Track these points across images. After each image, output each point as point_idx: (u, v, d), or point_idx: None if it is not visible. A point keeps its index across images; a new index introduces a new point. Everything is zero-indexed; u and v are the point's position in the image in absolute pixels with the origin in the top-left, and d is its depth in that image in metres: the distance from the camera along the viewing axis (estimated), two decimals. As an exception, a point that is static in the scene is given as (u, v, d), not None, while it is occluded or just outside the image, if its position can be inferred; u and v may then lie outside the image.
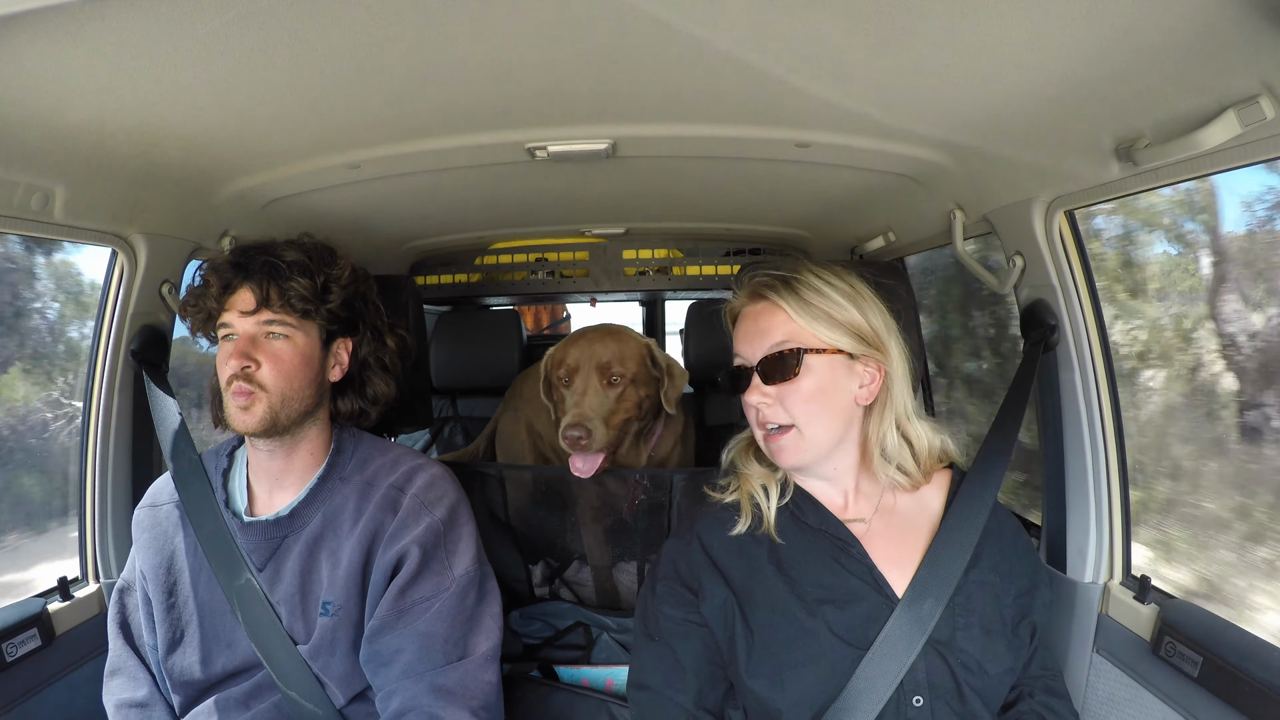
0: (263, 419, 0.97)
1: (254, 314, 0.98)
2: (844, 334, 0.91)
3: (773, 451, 0.92)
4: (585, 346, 1.48)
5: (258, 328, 0.98)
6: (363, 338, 1.09)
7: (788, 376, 0.89)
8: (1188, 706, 0.93)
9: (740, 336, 0.95)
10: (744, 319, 0.96)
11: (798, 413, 0.89)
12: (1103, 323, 1.10)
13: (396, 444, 1.13)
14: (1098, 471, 1.10)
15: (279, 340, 0.99)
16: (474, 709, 0.93)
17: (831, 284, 0.92)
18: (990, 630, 0.87)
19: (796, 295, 0.92)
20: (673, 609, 0.94)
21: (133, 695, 1.03)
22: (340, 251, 1.08)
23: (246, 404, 0.96)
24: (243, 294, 0.98)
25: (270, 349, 0.98)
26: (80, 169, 0.99)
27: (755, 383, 0.91)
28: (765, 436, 0.92)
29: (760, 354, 0.91)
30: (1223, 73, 0.70)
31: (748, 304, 0.96)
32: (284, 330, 0.99)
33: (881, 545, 0.92)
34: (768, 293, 0.93)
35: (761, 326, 0.92)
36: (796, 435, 0.90)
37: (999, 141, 1.02)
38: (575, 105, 0.98)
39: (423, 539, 0.98)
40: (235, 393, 0.97)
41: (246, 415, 0.96)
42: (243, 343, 0.97)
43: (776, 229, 1.97)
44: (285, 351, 0.99)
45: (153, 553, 1.05)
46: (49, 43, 0.68)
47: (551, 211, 1.74)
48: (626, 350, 1.48)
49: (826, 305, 0.91)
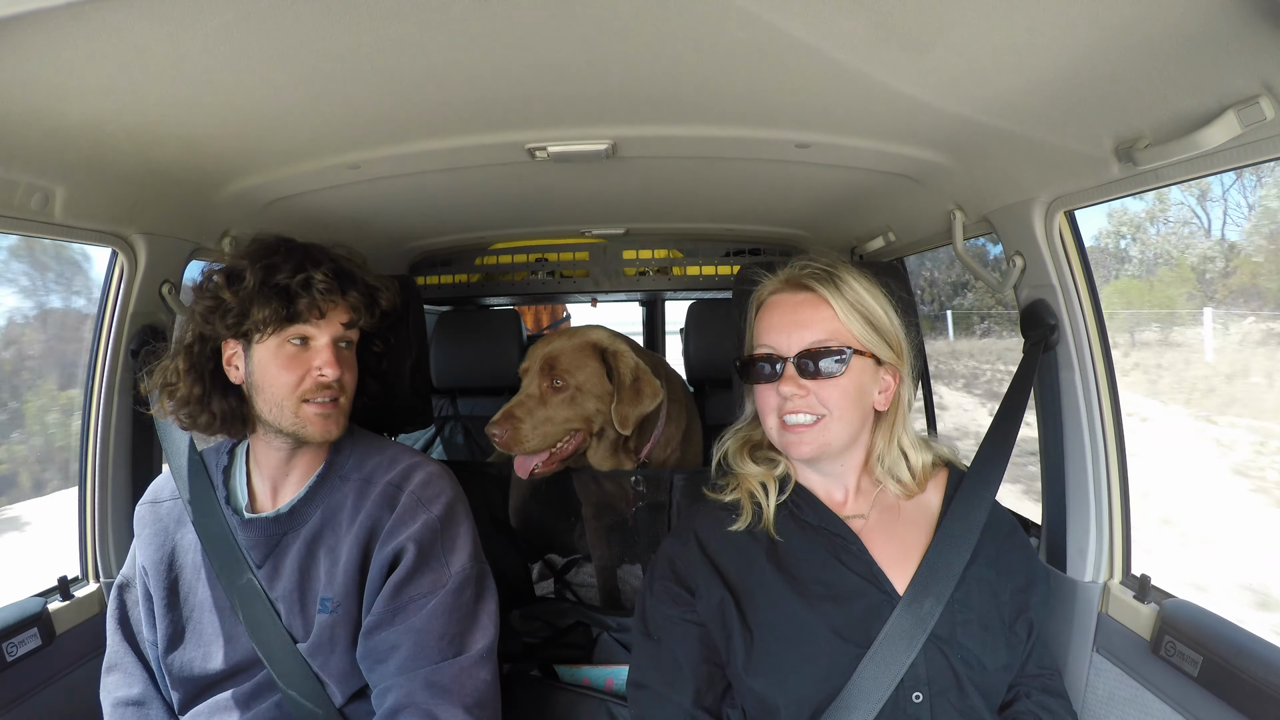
0: (341, 425, 1.01)
1: (351, 327, 1.02)
2: (879, 340, 0.92)
3: (789, 443, 0.91)
4: (543, 346, 1.45)
5: (336, 335, 1.01)
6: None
7: (832, 374, 0.89)
8: (1188, 706, 0.93)
9: (772, 325, 0.93)
10: (778, 307, 0.94)
11: (829, 409, 0.89)
12: (1103, 323, 1.10)
13: (394, 442, 1.14)
14: (1097, 471, 1.10)
15: (346, 349, 1.03)
16: (468, 706, 0.93)
17: (868, 289, 0.93)
18: (989, 626, 0.88)
19: (842, 293, 0.91)
20: (670, 608, 0.94)
21: (129, 693, 1.03)
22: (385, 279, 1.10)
23: (330, 413, 0.99)
24: (342, 307, 1.01)
25: (345, 358, 1.03)
26: (80, 169, 0.99)
27: (789, 374, 0.90)
28: (784, 428, 0.91)
29: (800, 346, 0.90)
30: (1223, 73, 0.70)
31: (785, 293, 0.94)
32: (352, 337, 1.04)
33: (880, 542, 0.92)
34: (815, 285, 0.92)
35: (802, 318, 0.91)
36: (820, 430, 0.90)
37: (999, 142, 1.02)
38: (575, 105, 0.98)
39: (419, 535, 0.98)
40: (320, 402, 0.98)
41: (330, 425, 1.00)
42: (331, 352, 0.99)
43: (776, 229, 1.97)
44: (350, 357, 1.04)
45: (154, 549, 1.05)
46: (49, 43, 0.68)
47: (551, 212, 1.74)
48: (577, 357, 1.41)
49: (867, 308, 0.91)
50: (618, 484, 1.44)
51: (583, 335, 1.46)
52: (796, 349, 0.90)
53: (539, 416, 1.37)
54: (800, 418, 0.90)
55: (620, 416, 1.39)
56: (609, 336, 1.48)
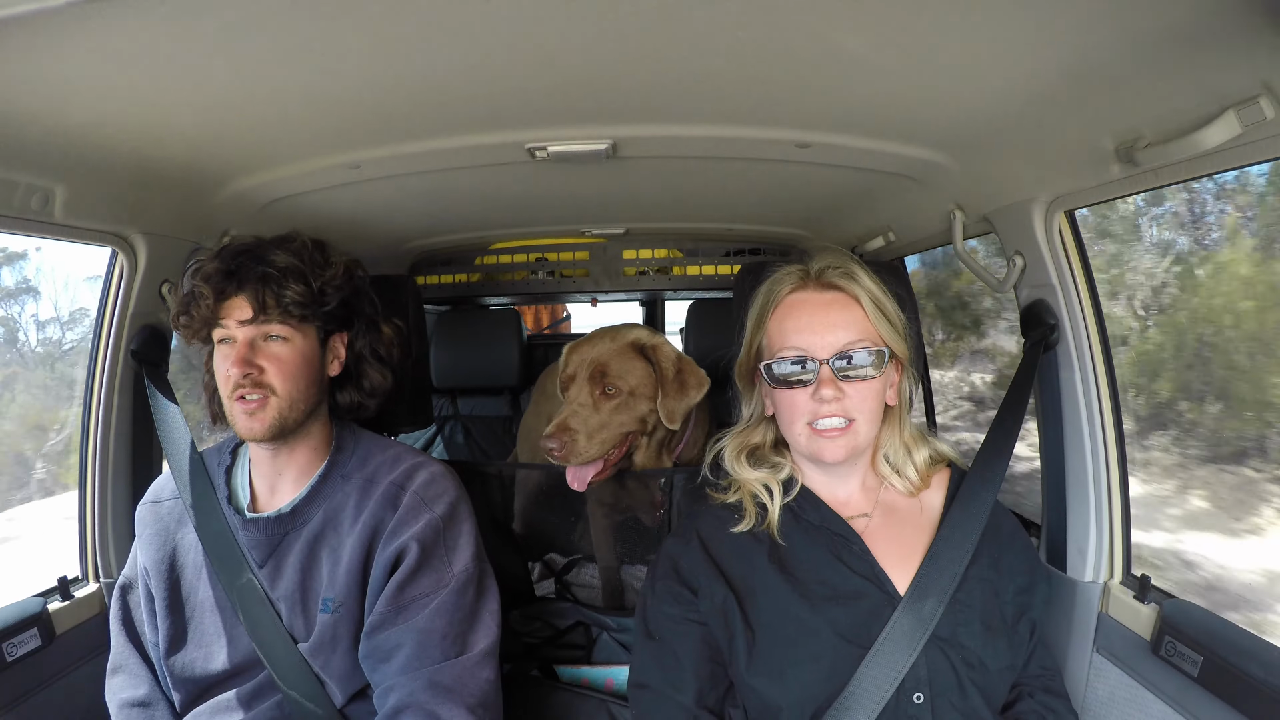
0: (271, 425, 0.96)
1: (252, 322, 0.97)
2: (897, 336, 0.91)
3: (821, 449, 0.88)
4: (586, 352, 1.40)
5: (256, 332, 0.98)
6: (358, 331, 1.09)
7: (868, 375, 0.87)
8: (1188, 706, 0.93)
9: (801, 326, 0.89)
10: (804, 307, 0.90)
11: (863, 410, 0.87)
12: (1103, 323, 1.10)
13: (397, 442, 1.14)
14: (1098, 471, 1.10)
15: (278, 343, 0.99)
16: (471, 706, 0.93)
17: (879, 284, 0.92)
18: (990, 626, 0.88)
19: (871, 293, 0.90)
20: (672, 608, 0.94)
21: (134, 694, 1.03)
22: (331, 247, 1.07)
23: (253, 410, 0.96)
24: (238, 303, 0.97)
25: (270, 352, 0.98)
26: (80, 169, 0.99)
27: (826, 377, 0.86)
28: (815, 433, 0.88)
29: (835, 347, 0.87)
30: (1223, 73, 0.70)
31: (810, 291, 0.92)
32: (284, 333, 0.99)
33: (883, 543, 0.92)
34: (846, 284, 0.90)
35: (833, 319, 0.88)
36: (852, 433, 0.88)
37: (999, 141, 1.02)
38: (575, 105, 0.97)
39: (422, 535, 0.98)
40: (240, 399, 0.96)
41: (254, 422, 0.96)
42: (243, 349, 0.96)
43: (776, 229, 1.97)
44: (285, 354, 0.99)
45: (155, 549, 1.05)
46: (49, 43, 0.68)
47: (551, 211, 1.74)
48: (625, 361, 1.37)
49: (888, 307, 0.91)
50: (623, 485, 1.43)
51: (623, 336, 1.42)
52: (831, 350, 0.86)
53: (593, 425, 1.33)
54: (834, 421, 0.87)
55: (667, 411, 1.36)
56: (648, 333, 1.44)
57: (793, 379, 0.88)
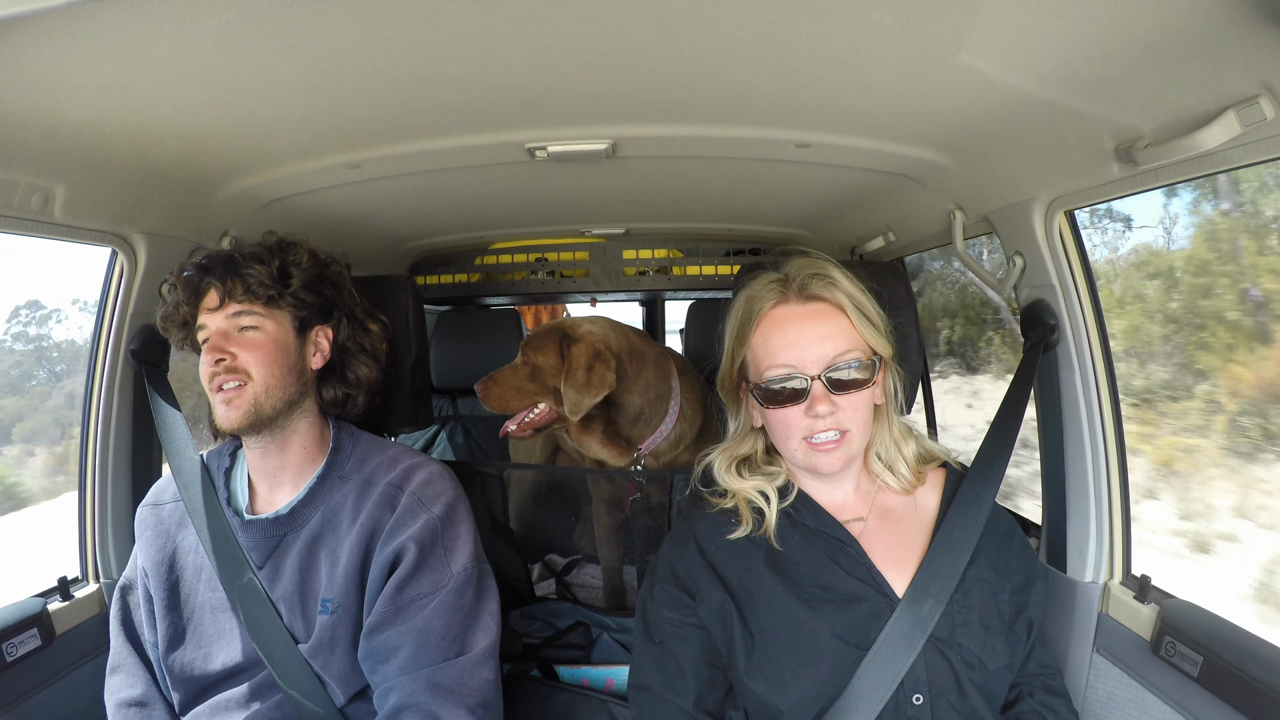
0: (247, 412, 0.98)
1: (221, 308, 1.00)
2: (880, 337, 0.90)
3: (818, 462, 0.87)
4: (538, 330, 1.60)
5: (228, 322, 1.00)
6: (338, 323, 1.10)
7: (861, 386, 0.85)
8: (1188, 706, 0.93)
9: (788, 342, 0.86)
10: (789, 322, 0.88)
11: (855, 420, 0.86)
12: (1103, 323, 1.10)
13: (395, 443, 1.14)
14: (1098, 471, 1.10)
15: (251, 331, 1.01)
16: (470, 706, 0.93)
17: (857, 283, 0.90)
18: (989, 626, 0.87)
19: (852, 297, 0.88)
20: (671, 612, 0.93)
21: (131, 693, 1.03)
22: (300, 240, 1.09)
23: (230, 398, 0.98)
24: (210, 295, 1.01)
25: (243, 339, 1.00)
26: (80, 169, 0.99)
27: (819, 392, 0.84)
28: (811, 447, 0.86)
29: (825, 361, 0.85)
30: (1223, 73, 0.70)
31: (792, 304, 0.89)
32: (253, 320, 1.01)
33: (880, 545, 0.92)
34: (828, 294, 0.88)
35: (820, 332, 0.86)
36: (847, 443, 0.87)
37: (999, 141, 1.02)
38: (575, 105, 0.97)
39: (420, 536, 0.98)
40: (218, 388, 0.98)
41: (231, 410, 0.97)
42: (216, 339, 0.99)
43: (776, 229, 1.97)
44: (258, 339, 1.01)
45: (155, 550, 1.05)
46: (49, 43, 0.68)
47: (551, 211, 1.74)
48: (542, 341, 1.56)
49: (869, 308, 0.89)
50: (622, 483, 1.44)
51: (558, 323, 1.61)
52: (821, 364, 0.85)
53: (509, 384, 1.57)
54: (829, 435, 0.85)
55: (569, 401, 1.50)
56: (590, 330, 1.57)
57: (785, 397, 0.87)
